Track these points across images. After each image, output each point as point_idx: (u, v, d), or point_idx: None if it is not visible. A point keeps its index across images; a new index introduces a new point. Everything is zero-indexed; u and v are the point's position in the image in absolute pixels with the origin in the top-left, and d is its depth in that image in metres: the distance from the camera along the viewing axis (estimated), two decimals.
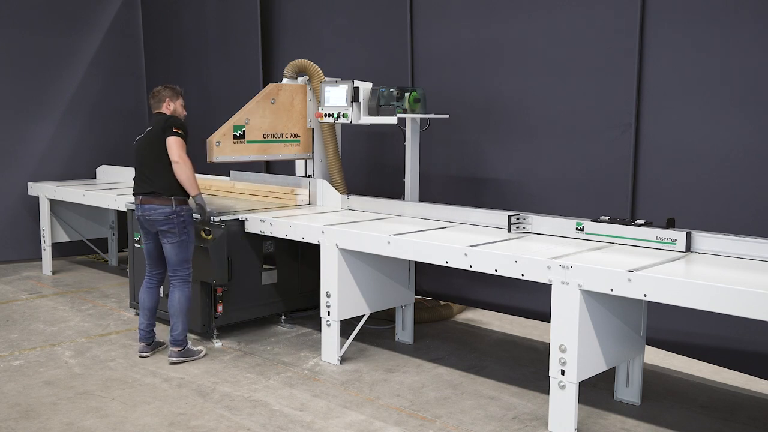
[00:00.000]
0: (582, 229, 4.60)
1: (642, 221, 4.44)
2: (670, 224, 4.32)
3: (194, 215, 5.17)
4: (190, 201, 5.14)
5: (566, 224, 4.68)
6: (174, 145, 4.97)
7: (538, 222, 4.82)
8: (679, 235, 4.22)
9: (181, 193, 5.04)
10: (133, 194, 5.17)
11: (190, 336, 5.68)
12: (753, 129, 4.44)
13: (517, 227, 4.80)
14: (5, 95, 8.20)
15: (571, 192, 5.29)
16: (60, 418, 4.19)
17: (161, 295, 5.35)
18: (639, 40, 4.83)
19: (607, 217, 4.55)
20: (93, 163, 8.67)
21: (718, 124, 4.57)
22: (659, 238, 4.28)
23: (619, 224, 4.45)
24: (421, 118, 5.65)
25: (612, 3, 4.98)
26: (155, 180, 5.02)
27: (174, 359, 5.09)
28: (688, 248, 4.20)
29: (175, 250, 5.05)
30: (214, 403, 4.42)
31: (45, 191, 7.84)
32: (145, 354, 5.23)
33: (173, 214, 4.99)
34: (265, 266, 5.80)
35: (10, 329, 5.91)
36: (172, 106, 5.24)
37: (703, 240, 4.18)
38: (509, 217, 4.80)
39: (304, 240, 5.19)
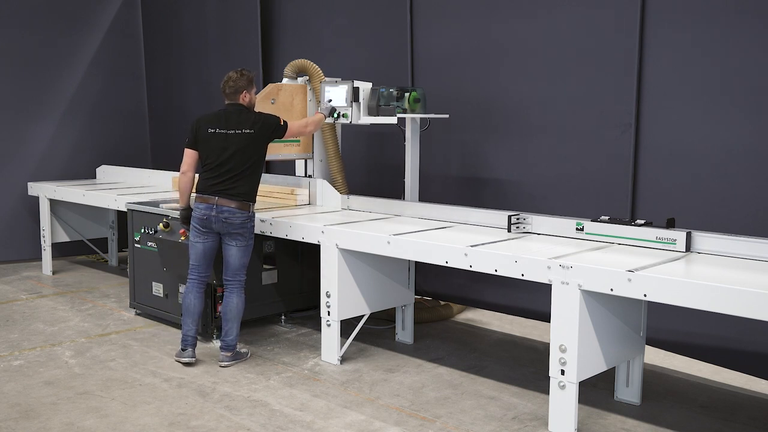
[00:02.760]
0: (582, 229, 4.60)
1: (642, 221, 4.44)
2: (670, 224, 4.32)
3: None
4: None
5: (566, 224, 4.68)
6: (294, 125, 5.18)
7: (538, 222, 4.82)
8: (679, 235, 4.22)
9: (254, 198, 5.03)
10: (205, 193, 4.89)
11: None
12: (753, 129, 4.44)
13: (517, 227, 4.80)
14: (5, 95, 8.20)
15: (571, 192, 5.29)
16: (60, 418, 4.19)
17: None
18: (639, 40, 4.83)
19: (607, 217, 4.55)
20: (93, 163, 8.68)
21: (718, 124, 4.57)
22: (659, 238, 4.28)
23: (619, 224, 4.45)
24: (421, 118, 5.65)
25: (612, 3, 4.98)
26: (242, 183, 4.90)
27: (226, 363, 5.02)
28: (688, 248, 4.20)
29: (240, 253, 4.98)
30: (214, 403, 4.42)
31: (45, 191, 7.84)
32: (190, 360, 5.03)
33: (249, 219, 4.96)
34: (265, 266, 5.80)
35: (10, 329, 5.91)
36: (248, 98, 5.00)
37: (703, 240, 4.18)
38: (509, 217, 4.80)
39: (304, 240, 5.19)
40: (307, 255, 5.95)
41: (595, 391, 4.59)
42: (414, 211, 5.52)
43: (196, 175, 5.08)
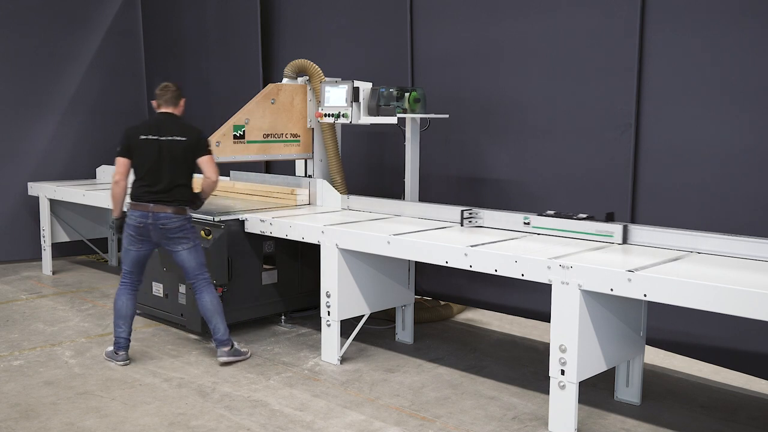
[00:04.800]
0: (529, 224, 4.80)
1: (584, 215, 4.62)
2: (609, 218, 4.53)
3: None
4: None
5: (515, 218, 4.87)
6: (212, 164, 5.04)
7: (488, 216, 5.02)
8: (617, 228, 4.43)
9: (191, 202, 5.10)
10: (142, 201, 4.95)
11: (190, 335, 5.69)
12: (753, 128, 4.44)
13: (470, 221, 5.00)
14: (5, 95, 8.19)
15: (571, 192, 5.29)
16: (60, 418, 4.19)
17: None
18: (639, 40, 4.83)
19: (552, 212, 4.76)
20: (93, 163, 8.67)
21: (718, 124, 4.57)
22: (598, 231, 4.49)
23: (562, 218, 4.64)
24: (421, 118, 5.65)
25: (612, 3, 4.98)
26: (178, 191, 4.98)
27: (225, 359, 5.05)
28: (624, 240, 4.41)
29: (192, 254, 5.03)
30: (214, 403, 4.42)
31: (45, 191, 7.84)
32: (127, 362, 5.07)
33: (186, 221, 5.02)
34: (265, 266, 5.80)
35: (10, 329, 5.91)
36: (181, 108, 5.14)
37: (639, 232, 4.40)
38: (462, 211, 4.99)
39: (304, 240, 5.19)
40: (307, 255, 5.95)
41: (595, 391, 4.59)
42: (414, 211, 5.51)
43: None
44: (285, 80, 6.18)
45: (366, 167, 6.77)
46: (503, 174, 5.71)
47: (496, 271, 4.14)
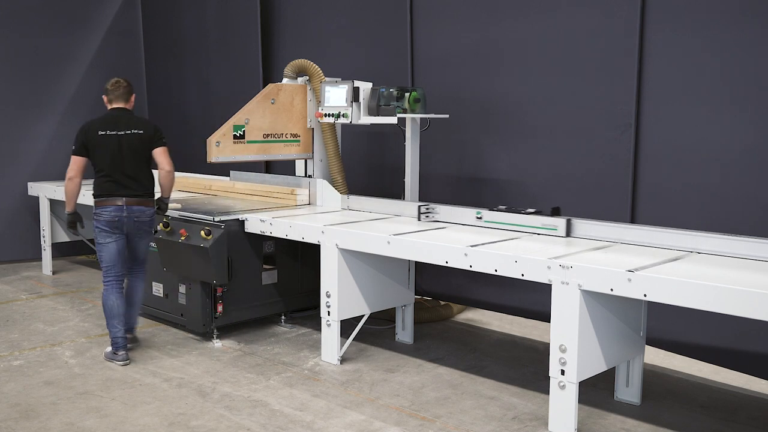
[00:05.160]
0: (481, 218, 5.03)
1: (532, 210, 4.84)
2: (555, 212, 4.75)
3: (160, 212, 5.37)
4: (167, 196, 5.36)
5: (468, 213, 5.09)
6: (166, 156, 5.17)
7: (444, 211, 5.26)
8: (561, 222, 4.63)
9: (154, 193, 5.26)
10: (110, 195, 5.04)
11: (190, 335, 5.69)
12: (753, 128, 4.43)
13: (427, 216, 5.27)
14: (5, 95, 8.20)
15: (571, 192, 5.29)
16: (60, 418, 4.19)
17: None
18: (639, 40, 4.83)
19: (504, 207, 5.03)
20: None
21: (718, 123, 4.57)
22: (544, 225, 4.71)
23: (512, 213, 4.89)
24: (421, 118, 5.65)
25: (612, 3, 4.98)
26: (144, 183, 5.15)
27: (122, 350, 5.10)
28: (568, 233, 4.62)
29: (147, 245, 5.37)
30: (214, 403, 4.42)
31: (45, 191, 7.84)
32: (128, 361, 5.06)
33: (153, 213, 5.23)
34: (265, 266, 5.80)
35: (10, 329, 5.91)
36: (131, 104, 5.28)
37: (583, 226, 4.60)
38: (419, 207, 5.26)
39: (304, 240, 5.19)
40: (307, 255, 5.95)
41: (595, 391, 4.59)
42: (414, 211, 5.50)
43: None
44: (285, 80, 6.18)
45: (366, 167, 6.77)
46: (503, 174, 5.71)
47: (496, 271, 4.14)
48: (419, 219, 5.27)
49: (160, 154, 5.15)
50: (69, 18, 8.62)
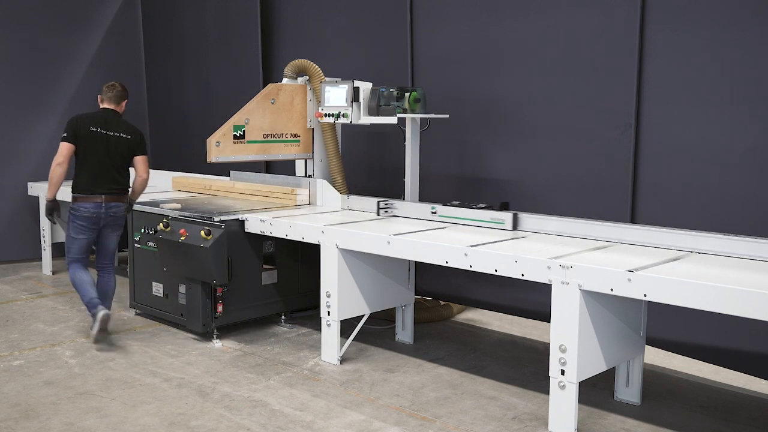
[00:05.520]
0: (435, 212, 5.30)
1: (483, 205, 5.14)
2: (503, 207, 5.06)
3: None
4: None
5: (424, 208, 5.38)
6: (145, 164, 5.56)
7: (401, 206, 5.55)
8: (507, 216, 4.91)
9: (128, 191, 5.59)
10: (91, 192, 5.37)
11: (190, 335, 5.70)
12: (753, 128, 4.43)
13: (386, 211, 5.57)
14: (5, 95, 8.20)
15: (571, 192, 5.30)
16: (60, 418, 4.19)
17: None
18: (639, 40, 4.83)
19: (457, 202, 5.30)
20: None
21: (718, 123, 4.57)
22: (492, 219, 4.99)
23: (464, 207, 5.18)
24: (421, 118, 5.65)
25: (612, 3, 4.98)
26: (122, 181, 5.51)
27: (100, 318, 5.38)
28: (515, 227, 4.89)
29: (116, 239, 5.67)
30: (214, 403, 4.42)
31: (45, 191, 7.81)
32: (108, 312, 5.39)
33: (126, 210, 5.61)
34: (265, 266, 5.80)
35: (10, 329, 5.91)
36: (123, 107, 5.65)
37: (528, 220, 4.88)
38: (378, 202, 5.55)
39: (304, 240, 5.19)
40: (307, 255, 5.95)
41: (595, 391, 4.60)
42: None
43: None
44: (285, 80, 6.18)
45: (366, 167, 6.77)
46: (503, 174, 5.71)
47: (496, 271, 4.14)
48: (378, 214, 5.53)
49: (140, 162, 5.53)
50: (69, 18, 8.62)
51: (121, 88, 5.61)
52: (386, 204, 5.58)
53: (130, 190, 5.59)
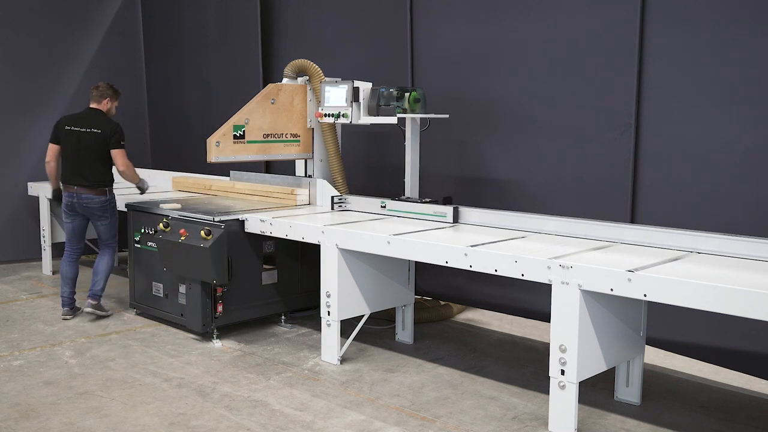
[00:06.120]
0: (385, 207, 5.60)
1: (428, 199, 5.46)
2: (446, 201, 5.35)
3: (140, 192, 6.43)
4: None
5: (374, 202, 5.68)
6: (120, 158, 5.96)
7: (354, 201, 5.85)
8: (449, 210, 5.21)
9: (110, 184, 6.05)
10: (67, 183, 5.99)
11: (190, 335, 5.69)
12: (753, 128, 4.43)
13: (340, 206, 5.87)
14: (5, 95, 8.20)
15: (571, 192, 5.30)
16: (60, 418, 4.19)
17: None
18: (639, 40, 4.83)
19: (405, 197, 5.60)
20: None
21: (718, 123, 4.57)
22: (435, 212, 5.29)
23: (411, 202, 5.49)
24: (421, 118, 5.65)
25: (612, 3, 4.98)
26: (92, 174, 5.94)
27: (89, 310, 6.12)
28: (455, 220, 5.19)
29: (107, 227, 6.14)
30: (214, 403, 4.42)
31: (45, 191, 7.82)
32: (68, 317, 6.16)
33: (107, 202, 6.04)
34: (265, 266, 5.80)
35: (10, 329, 5.91)
36: (108, 105, 6.10)
37: (468, 214, 5.17)
38: (332, 198, 5.86)
39: (304, 240, 5.19)
40: (307, 255, 5.95)
41: (595, 391, 4.60)
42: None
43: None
44: (285, 80, 6.18)
45: (366, 167, 6.77)
46: (503, 174, 5.71)
47: (496, 271, 4.14)
48: (332, 208, 5.84)
49: (115, 156, 5.96)
50: (69, 18, 8.62)
51: (104, 86, 6.10)
52: (340, 199, 5.91)
53: (108, 182, 6.03)
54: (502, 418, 4.24)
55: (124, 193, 6.78)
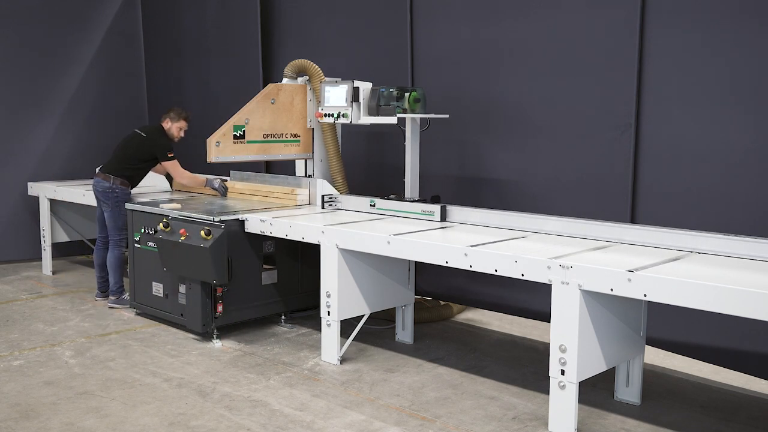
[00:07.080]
0: (374, 205, 5.66)
1: (417, 198, 5.55)
2: (434, 200, 5.42)
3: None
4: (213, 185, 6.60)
5: (363, 201, 5.77)
6: (175, 168, 6.39)
7: (345, 200, 5.94)
8: (436, 208, 5.27)
9: (120, 175, 6.31)
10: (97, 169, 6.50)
11: (190, 335, 5.70)
12: (753, 128, 4.43)
13: (330, 204, 5.96)
14: (5, 95, 8.19)
15: (571, 192, 5.29)
16: (60, 418, 4.19)
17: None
18: (639, 40, 4.83)
19: (394, 196, 5.65)
20: (93, 163, 8.61)
21: (719, 123, 4.57)
22: (423, 211, 5.34)
23: (399, 201, 5.55)
24: (421, 118, 5.65)
25: (612, 3, 4.98)
26: (113, 162, 6.36)
27: (112, 305, 6.49)
28: (443, 218, 5.25)
29: (109, 216, 6.35)
30: (214, 403, 4.42)
31: (45, 191, 7.84)
32: (99, 299, 6.69)
33: (110, 189, 6.29)
34: (265, 266, 5.80)
35: (10, 329, 5.91)
36: (169, 124, 6.43)
37: (456, 212, 5.24)
38: (322, 197, 5.94)
39: (304, 240, 5.19)
40: (307, 255, 5.95)
41: (595, 391, 4.60)
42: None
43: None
44: (285, 80, 6.18)
45: (366, 167, 6.77)
46: (503, 174, 5.71)
47: (496, 271, 4.14)
48: (323, 207, 5.92)
49: (168, 168, 6.46)
50: (69, 18, 8.62)
51: (170, 110, 6.50)
52: (330, 197, 5.97)
53: (119, 173, 6.33)
54: (502, 418, 4.24)
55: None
